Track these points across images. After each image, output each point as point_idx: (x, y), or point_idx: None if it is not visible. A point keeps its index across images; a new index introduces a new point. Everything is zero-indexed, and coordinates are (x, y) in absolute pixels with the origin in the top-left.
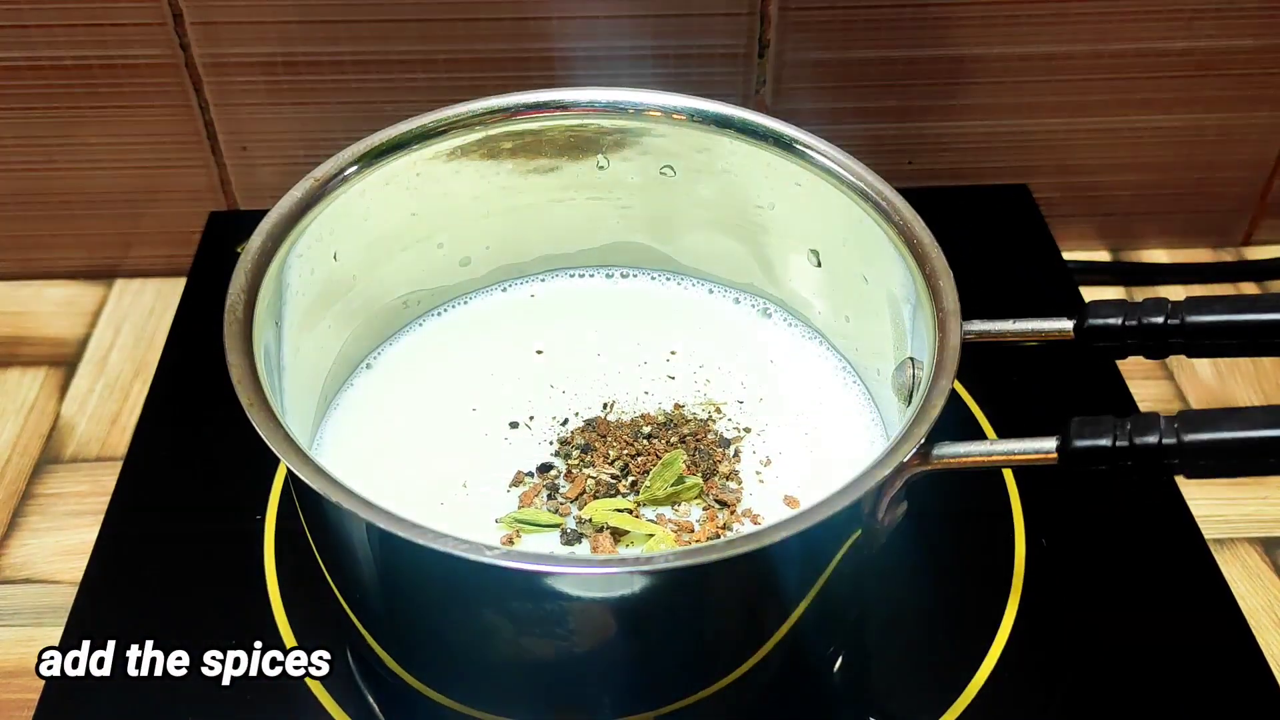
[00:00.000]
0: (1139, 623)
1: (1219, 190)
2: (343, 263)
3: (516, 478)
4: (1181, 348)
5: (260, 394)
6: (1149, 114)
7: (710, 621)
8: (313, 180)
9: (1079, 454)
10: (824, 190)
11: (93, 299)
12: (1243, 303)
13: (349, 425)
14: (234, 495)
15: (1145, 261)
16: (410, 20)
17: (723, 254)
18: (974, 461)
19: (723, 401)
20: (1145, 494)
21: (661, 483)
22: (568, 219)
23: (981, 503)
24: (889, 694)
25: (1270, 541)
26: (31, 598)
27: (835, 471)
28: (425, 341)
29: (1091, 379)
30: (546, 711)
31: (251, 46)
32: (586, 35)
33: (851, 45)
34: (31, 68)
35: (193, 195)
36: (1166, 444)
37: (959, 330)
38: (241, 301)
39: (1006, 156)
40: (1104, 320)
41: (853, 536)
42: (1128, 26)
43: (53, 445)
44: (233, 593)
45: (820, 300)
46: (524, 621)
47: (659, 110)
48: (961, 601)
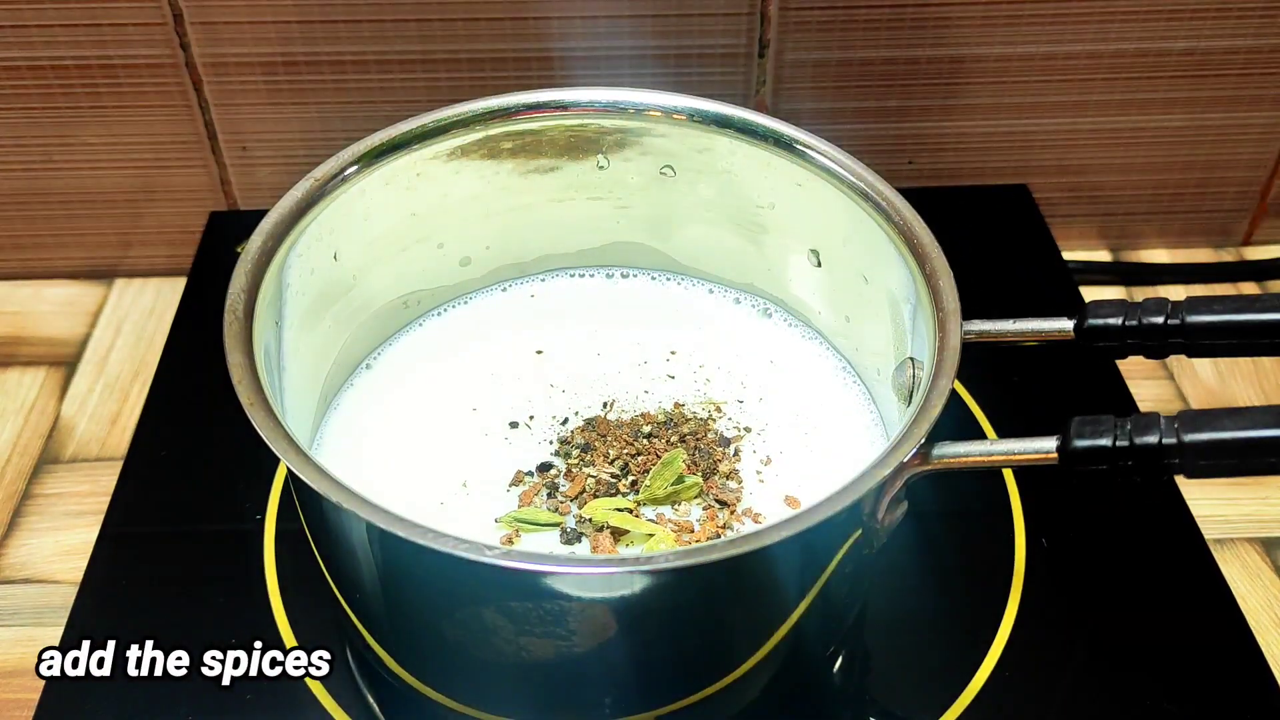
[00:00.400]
0: (1139, 623)
1: (1219, 190)
2: (342, 263)
3: (516, 477)
4: (1182, 348)
5: (261, 394)
6: (1149, 114)
7: (710, 621)
8: (312, 180)
9: (1079, 454)
10: (824, 190)
11: (93, 299)
12: (1243, 302)
13: (349, 425)
14: (234, 495)
15: (1146, 261)
16: (410, 20)
17: (723, 254)
18: (974, 461)
19: (723, 401)
20: (1145, 494)
21: (661, 482)
22: (568, 219)
23: (982, 503)
24: (889, 694)
25: (1270, 541)
26: (31, 598)
27: (835, 471)
28: (425, 341)
29: (1091, 379)
30: (547, 711)
31: (252, 46)
32: (587, 35)
33: (852, 45)
34: (31, 68)
35: (193, 195)
36: (1167, 444)
37: (959, 330)
38: (242, 301)
39: (1007, 156)
40: (1104, 320)
41: (853, 536)
42: (1128, 26)
43: (53, 445)
44: (233, 593)
45: (820, 300)
46: (524, 621)
47: (659, 110)
48: (962, 602)
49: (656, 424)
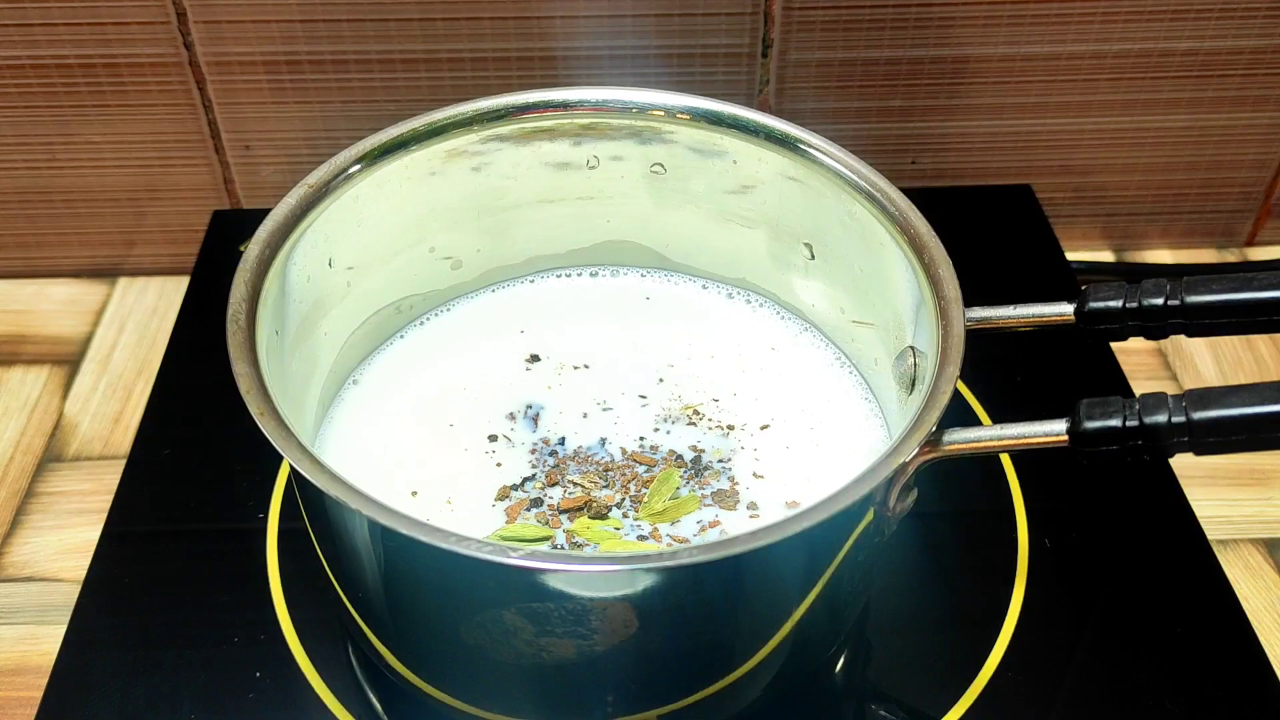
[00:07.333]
0: (1142, 623)
1: (1223, 191)
2: (337, 269)
3: (501, 492)
4: (1181, 328)
5: (270, 403)
6: (1153, 114)
7: (722, 616)
8: (307, 186)
9: (1089, 435)
10: (816, 183)
11: (96, 297)
12: (1241, 281)
13: (345, 433)
14: (236, 494)
15: (1149, 262)
16: (413, 19)
17: (714, 250)
18: (985, 446)
19: (718, 397)
20: (1148, 494)
21: (659, 497)
22: (559, 219)
23: (985, 503)
24: (894, 693)
25: (1273, 542)
26: (34, 596)
27: (835, 464)
28: (418, 348)
29: (1089, 370)
30: (550, 709)
31: (255, 45)
32: (589, 35)
33: (855, 45)
34: (35, 66)
35: (196, 194)
36: (1176, 422)
37: (962, 317)
38: (243, 310)
39: (1010, 157)
40: (1104, 303)
41: (863, 525)
42: (1132, 26)
43: (56, 444)
44: (235, 591)
45: (815, 293)
46: (528, 620)
47: (637, 108)
48: (965, 602)
49: (652, 422)
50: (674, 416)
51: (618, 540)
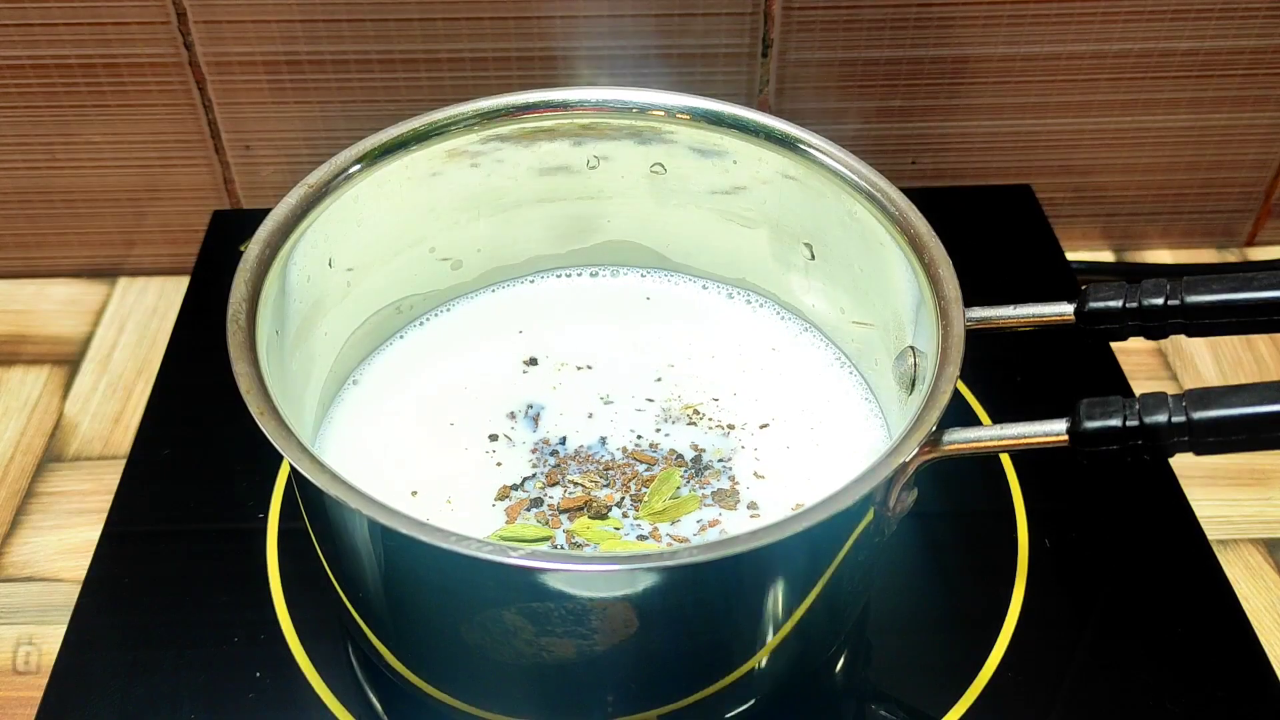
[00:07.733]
0: (1142, 624)
1: (1223, 191)
2: (337, 269)
3: (501, 492)
4: (1181, 327)
5: (270, 403)
6: (1153, 114)
7: (723, 616)
8: (307, 186)
9: (1090, 435)
10: (816, 183)
11: (96, 297)
12: (1241, 281)
13: (345, 433)
14: (236, 494)
15: (1149, 262)
16: (414, 19)
17: (714, 250)
18: (985, 446)
19: (718, 396)
20: (1148, 494)
21: (659, 497)
22: (559, 219)
23: (985, 503)
24: (894, 693)
25: (1273, 542)
26: (34, 596)
27: (835, 463)
28: (418, 348)
29: (1088, 371)
30: (550, 709)
31: (255, 45)
32: (590, 35)
33: (855, 45)
34: (35, 66)
35: (196, 194)
36: (1176, 422)
37: (962, 317)
38: (243, 311)
39: (1010, 157)
40: (1104, 303)
41: (863, 525)
42: (1132, 26)
43: (56, 444)
44: (235, 591)
45: (814, 293)
46: (528, 620)
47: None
48: (965, 602)
49: (652, 422)
50: (674, 416)
51: (618, 540)
